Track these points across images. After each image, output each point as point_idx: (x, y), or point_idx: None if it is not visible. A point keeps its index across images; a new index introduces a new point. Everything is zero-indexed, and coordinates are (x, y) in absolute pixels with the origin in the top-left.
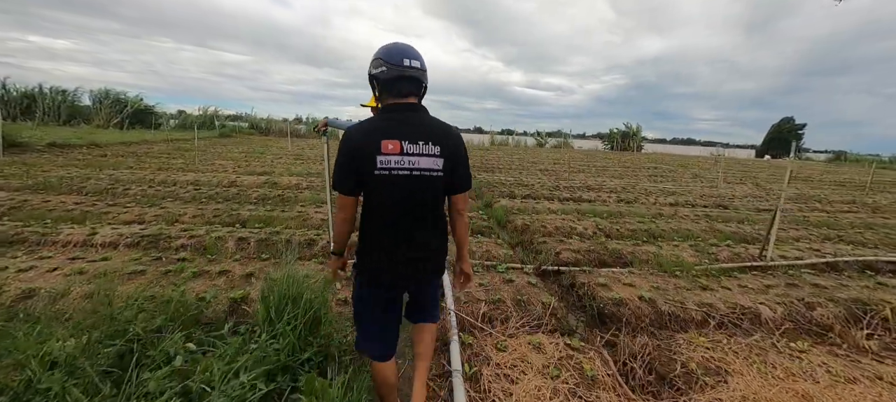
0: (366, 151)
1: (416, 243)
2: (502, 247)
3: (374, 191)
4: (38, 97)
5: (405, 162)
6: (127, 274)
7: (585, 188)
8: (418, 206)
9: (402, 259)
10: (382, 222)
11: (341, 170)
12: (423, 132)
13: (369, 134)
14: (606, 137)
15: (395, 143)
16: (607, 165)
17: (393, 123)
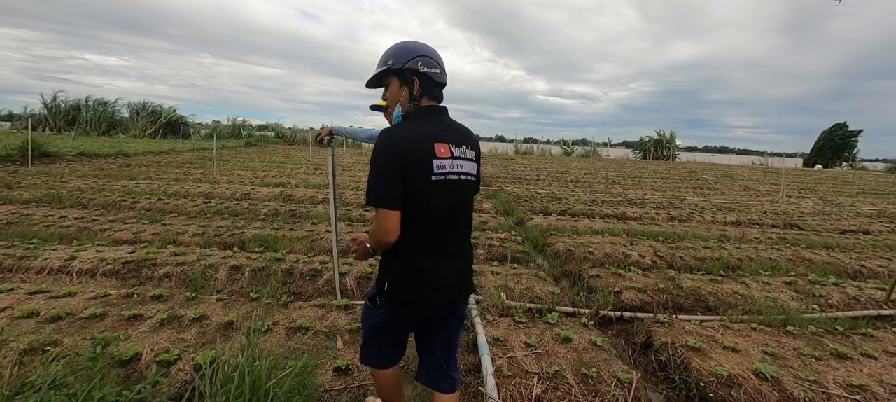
0: (420, 155)
1: (458, 254)
2: (546, 282)
3: (425, 200)
4: (83, 109)
5: (455, 167)
6: (83, 318)
7: (627, 203)
8: (463, 213)
9: (448, 273)
10: (432, 235)
11: (387, 179)
12: (462, 136)
13: (421, 137)
14: (637, 146)
15: (447, 147)
16: (643, 175)
17: (438, 125)
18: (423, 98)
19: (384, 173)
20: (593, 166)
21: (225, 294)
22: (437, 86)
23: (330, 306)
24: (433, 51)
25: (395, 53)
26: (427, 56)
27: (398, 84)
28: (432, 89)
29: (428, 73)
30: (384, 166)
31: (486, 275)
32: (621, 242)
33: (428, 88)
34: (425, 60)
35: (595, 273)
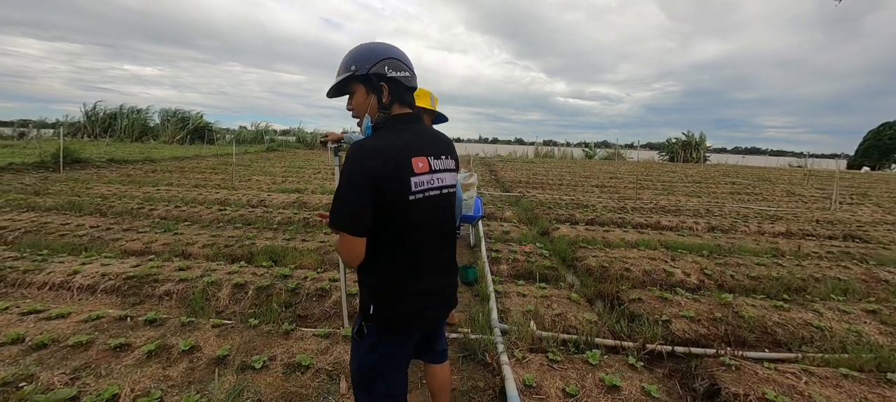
0: (395, 173)
1: (444, 271)
2: (580, 306)
3: (404, 221)
4: (118, 117)
5: (435, 181)
6: (68, 347)
7: (660, 210)
8: (446, 229)
9: (435, 293)
10: (414, 257)
11: (354, 202)
12: (440, 145)
13: (395, 151)
14: (664, 148)
15: (425, 160)
16: (673, 179)
17: (414, 136)
18: (393, 105)
19: (350, 195)
20: (619, 170)
21: (226, 316)
22: (408, 91)
23: (336, 336)
24: (400, 52)
25: (358, 57)
26: (394, 58)
27: (364, 92)
28: (403, 95)
29: (397, 77)
30: (350, 187)
31: (511, 297)
32: (660, 256)
33: (398, 94)
34: (393, 63)
35: (636, 295)
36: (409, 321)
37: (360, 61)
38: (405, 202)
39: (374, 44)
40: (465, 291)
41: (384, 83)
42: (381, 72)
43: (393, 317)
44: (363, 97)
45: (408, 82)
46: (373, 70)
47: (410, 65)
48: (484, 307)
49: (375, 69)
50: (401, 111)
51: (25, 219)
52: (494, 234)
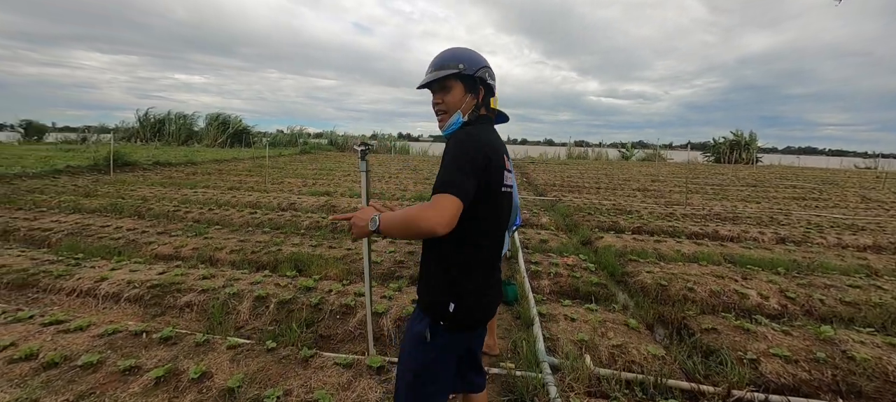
0: (497, 163)
1: (499, 270)
2: (640, 335)
3: (492, 211)
4: (167, 122)
5: (510, 179)
6: (77, 367)
7: (715, 218)
8: (505, 227)
9: (495, 291)
10: (488, 248)
11: (466, 171)
12: (505, 148)
13: (496, 144)
14: (709, 148)
15: (505, 159)
16: (723, 182)
17: (495, 136)
18: (482, 108)
19: (464, 163)
20: (660, 172)
21: (245, 332)
22: (493, 98)
23: (360, 367)
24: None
25: (466, 58)
26: (490, 68)
27: (463, 90)
28: (489, 100)
29: (491, 84)
30: (465, 157)
31: (558, 321)
32: (727, 273)
33: (487, 100)
34: (490, 72)
35: (708, 324)
36: (484, 316)
37: (469, 62)
38: (499, 193)
39: (475, 52)
40: (503, 312)
41: (482, 87)
42: (484, 77)
43: (472, 312)
44: (460, 95)
45: (494, 91)
46: (478, 73)
47: None
48: (528, 335)
49: (479, 73)
50: (485, 112)
51: (71, 221)
52: (531, 243)
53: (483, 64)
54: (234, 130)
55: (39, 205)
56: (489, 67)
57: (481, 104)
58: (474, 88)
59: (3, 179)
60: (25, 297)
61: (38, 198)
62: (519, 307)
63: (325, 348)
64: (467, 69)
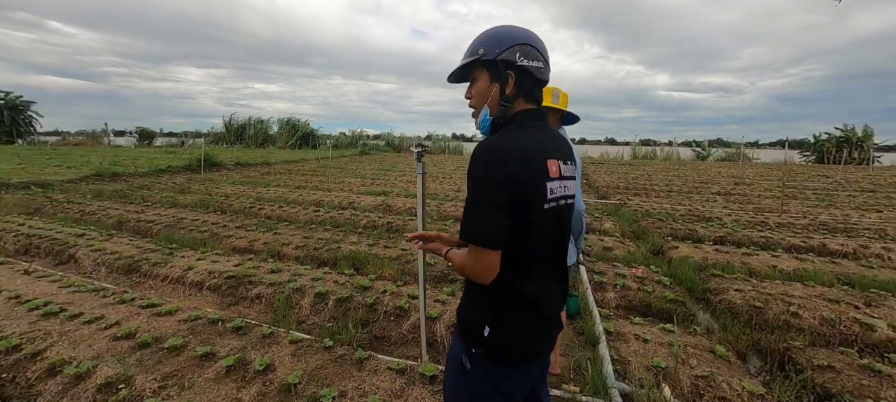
0: (533, 178)
1: (556, 293)
2: (731, 365)
3: (536, 231)
4: (247, 127)
5: (563, 189)
6: (165, 349)
7: (821, 228)
8: (563, 244)
9: (546, 320)
10: (535, 274)
11: (490, 210)
12: (566, 149)
13: (530, 152)
14: (809, 146)
15: (556, 165)
16: (830, 186)
17: (542, 135)
18: (518, 100)
19: (486, 203)
20: (745, 173)
21: (306, 327)
22: (538, 84)
23: (412, 374)
24: (537, 38)
25: (489, 40)
26: (528, 44)
27: (488, 79)
28: (531, 89)
29: (527, 66)
30: (487, 194)
31: (628, 341)
32: (843, 297)
33: (526, 88)
34: (525, 50)
35: (822, 359)
36: (526, 348)
37: (490, 44)
38: (541, 212)
39: (509, 27)
40: (565, 327)
41: (512, 72)
42: (511, 59)
43: (511, 342)
44: (485, 85)
45: (539, 75)
46: (502, 56)
47: (546, 55)
48: (594, 355)
49: (505, 55)
50: (526, 107)
51: (168, 215)
52: (594, 250)
53: (510, 43)
54: (303, 134)
55: (146, 200)
56: (526, 44)
57: (515, 96)
58: (500, 75)
59: (121, 177)
60: (130, 280)
61: (146, 194)
62: (581, 322)
63: (379, 349)
64: (487, 54)
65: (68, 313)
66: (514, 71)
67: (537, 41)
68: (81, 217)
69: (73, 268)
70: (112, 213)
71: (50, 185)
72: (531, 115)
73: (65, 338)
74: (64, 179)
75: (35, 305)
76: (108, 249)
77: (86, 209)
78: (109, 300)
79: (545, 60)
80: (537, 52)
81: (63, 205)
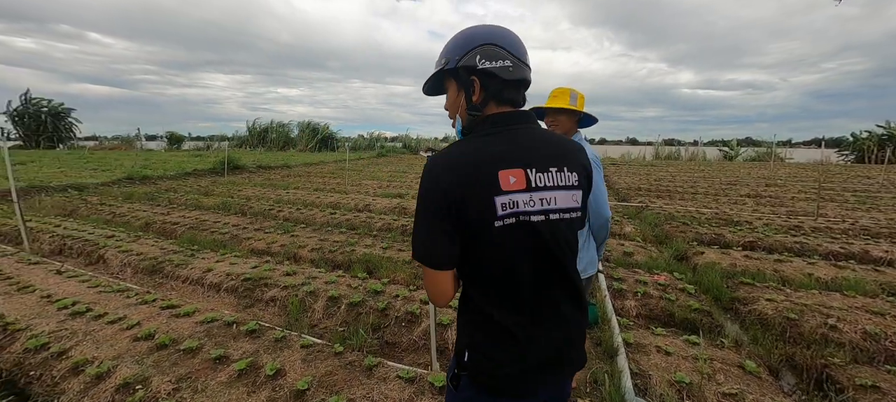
0: (475, 192)
1: (554, 325)
2: (762, 382)
3: (491, 253)
4: (269, 131)
5: (537, 202)
6: (181, 351)
7: (863, 233)
8: (556, 267)
9: (537, 354)
10: (508, 301)
11: (430, 229)
12: (552, 153)
13: (475, 163)
14: (847, 145)
15: (519, 173)
16: (871, 188)
17: (504, 141)
18: (488, 105)
19: (423, 220)
20: (777, 174)
21: (318, 331)
22: (508, 85)
23: (422, 384)
24: (504, 34)
25: (451, 48)
26: (491, 44)
27: (455, 88)
28: (501, 91)
29: (490, 68)
30: (425, 212)
31: (648, 353)
32: (890, 309)
33: (493, 91)
34: (487, 50)
35: (865, 378)
36: (508, 384)
37: (452, 52)
38: (490, 230)
39: (473, 28)
40: None
41: (475, 77)
42: (471, 64)
43: (489, 373)
44: (454, 95)
45: (506, 74)
46: (462, 62)
47: (515, 50)
48: (611, 367)
49: (465, 61)
50: (498, 110)
51: (192, 217)
52: (613, 255)
53: (470, 46)
54: (322, 136)
55: (172, 202)
56: (487, 44)
57: (483, 101)
58: (464, 82)
59: (149, 180)
60: (154, 281)
61: (172, 196)
62: (599, 332)
63: (390, 356)
64: (449, 62)
65: (94, 313)
66: (477, 76)
67: (504, 37)
68: (112, 219)
69: (102, 268)
70: (140, 215)
71: (85, 187)
72: (495, 120)
73: (89, 338)
74: (98, 182)
75: (64, 304)
76: (134, 250)
77: (116, 211)
78: (133, 301)
79: (515, 57)
80: (502, 50)
81: (96, 207)
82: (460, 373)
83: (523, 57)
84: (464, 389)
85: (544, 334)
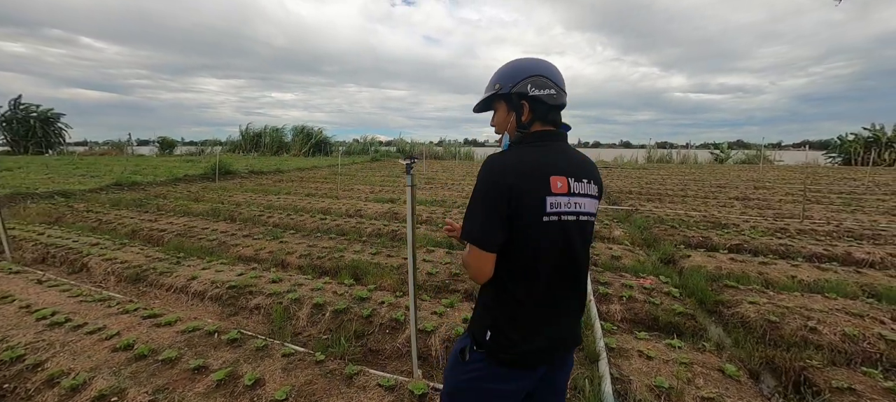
0: (531, 189)
1: (572, 309)
2: (741, 386)
3: (535, 244)
4: (263, 135)
5: (573, 205)
6: (160, 362)
7: (847, 235)
8: (580, 260)
9: (555, 329)
10: (540, 284)
11: (487, 215)
12: (582, 168)
13: (532, 167)
14: (834, 147)
15: (564, 180)
16: (857, 190)
17: (553, 154)
18: (533, 124)
19: (484, 208)
20: (765, 177)
21: (301, 339)
22: (552, 109)
23: (402, 392)
24: (548, 68)
25: (503, 76)
26: (539, 75)
27: (505, 109)
28: (546, 114)
29: (539, 95)
30: (484, 200)
31: (630, 358)
32: (868, 311)
33: (540, 113)
34: (537, 81)
35: (841, 380)
36: (523, 360)
37: (505, 80)
38: (538, 223)
39: (522, 61)
40: None
41: (525, 101)
42: (523, 91)
43: (508, 351)
44: (504, 115)
45: (552, 100)
46: (515, 89)
47: (558, 81)
48: (592, 372)
49: (518, 88)
50: (541, 129)
51: (180, 223)
52: (601, 259)
53: (522, 76)
54: (316, 141)
55: (161, 208)
56: (537, 76)
57: (530, 121)
58: (515, 105)
59: (139, 186)
60: (137, 289)
61: (161, 202)
62: (582, 337)
63: (373, 363)
64: (502, 88)
65: (73, 324)
66: (528, 100)
67: (549, 70)
68: (98, 226)
69: (85, 277)
70: (127, 222)
71: (72, 194)
72: (542, 135)
73: (66, 349)
74: (86, 188)
75: (43, 314)
76: (118, 258)
77: (103, 218)
78: (114, 310)
79: (558, 86)
80: (548, 81)
81: (82, 214)
82: (477, 350)
83: (563, 86)
84: (474, 362)
85: (557, 319)
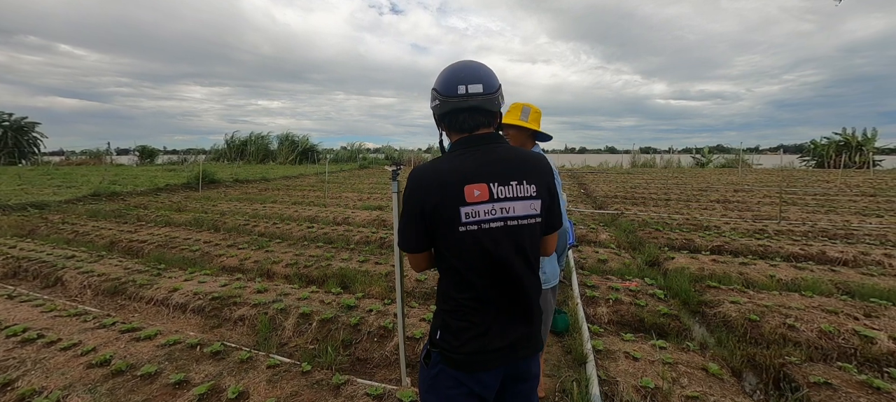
0: (444, 202)
1: (515, 316)
2: (725, 384)
3: (457, 254)
4: (248, 143)
5: (497, 211)
6: (138, 377)
7: (821, 235)
8: (517, 266)
9: (497, 341)
10: (477, 293)
11: (407, 222)
12: (512, 169)
13: (445, 177)
14: (808, 151)
15: (483, 187)
16: (829, 191)
17: (472, 160)
18: (451, 135)
19: (405, 216)
20: (745, 180)
21: (287, 349)
22: (463, 112)
23: (391, 398)
24: (448, 74)
25: (432, 95)
26: (434, 89)
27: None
28: (450, 122)
29: (433, 109)
30: (405, 209)
31: (617, 359)
32: (842, 308)
33: (446, 123)
34: (432, 95)
35: (819, 376)
36: (469, 361)
37: (432, 98)
38: (455, 234)
39: (442, 72)
40: (552, 344)
41: (434, 115)
42: (433, 107)
43: (459, 351)
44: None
45: (439, 110)
46: (432, 105)
47: (444, 89)
48: (580, 375)
49: (432, 105)
50: (457, 137)
51: (161, 234)
52: (588, 263)
53: (434, 88)
54: (303, 149)
55: (141, 219)
56: (439, 86)
57: (447, 132)
58: (437, 121)
59: (118, 196)
60: (115, 303)
61: (141, 213)
62: (570, 340)
63: (361, 372)
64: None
65: (46, 340)
66: (436, 114)
67: (438, 79)
68: (74, 238)
69: (59, 291)
70: (105, 233)
71: (47, 205)
72: (461, 143)
73: (39, 366)
74: (61, 199)
75: (14, 331)
76: (95, 271)
77: (79, 230)
78: (90, 325)
79: (442, 95)
80: (434, 92)
81: (57, 226)
82: (432, 350)
83: (452, 92)
84: (434, 365)
85: (502, 324)
